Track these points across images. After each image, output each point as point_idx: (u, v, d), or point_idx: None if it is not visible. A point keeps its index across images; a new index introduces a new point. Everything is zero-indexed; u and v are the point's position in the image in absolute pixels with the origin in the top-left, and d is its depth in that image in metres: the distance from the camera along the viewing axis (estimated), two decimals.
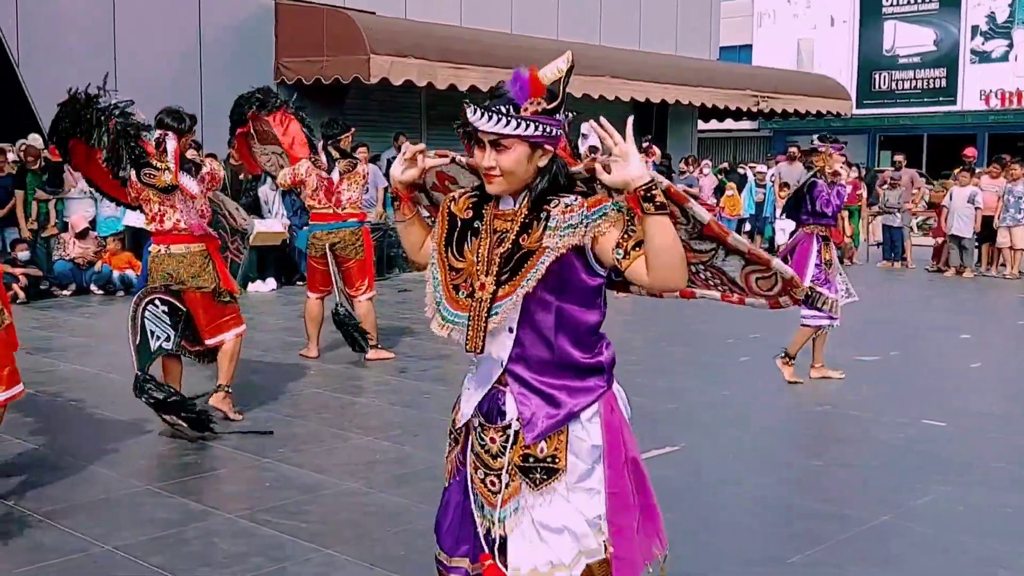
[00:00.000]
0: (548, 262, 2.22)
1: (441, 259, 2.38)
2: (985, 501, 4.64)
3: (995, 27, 28.69)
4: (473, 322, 2.29)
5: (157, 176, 5.38)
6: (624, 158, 2.15)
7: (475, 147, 2.30)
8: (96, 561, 3.84)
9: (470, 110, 2.29)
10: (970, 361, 8.05)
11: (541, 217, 2.26)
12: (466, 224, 2.37)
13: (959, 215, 14.21)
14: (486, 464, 2.36)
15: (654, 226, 2.14)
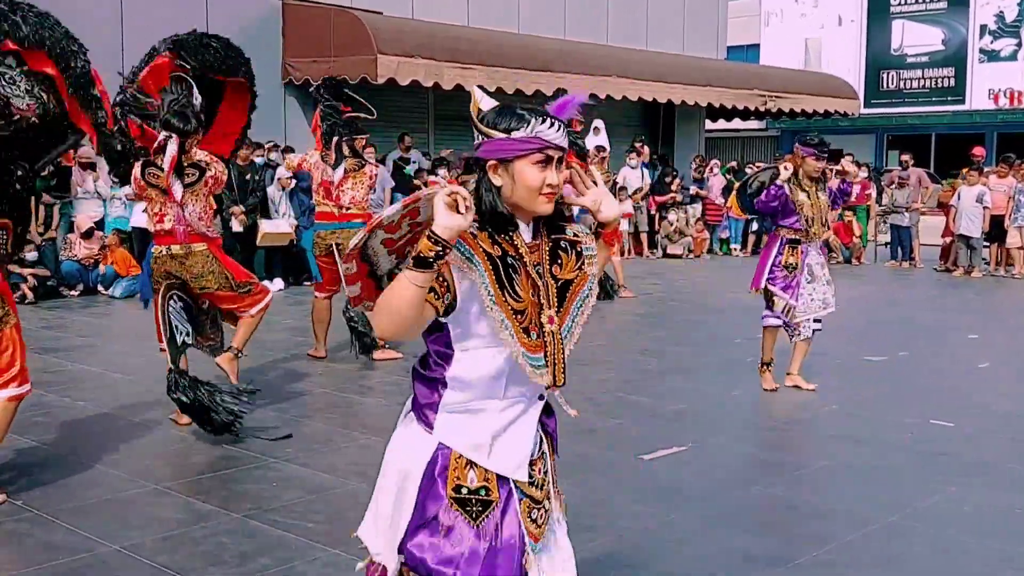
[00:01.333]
0: (596, 288, 2.36)
1: (503, 305, 2.18)
2: (993, 502, 4.63)
3: (1004, 26, 28.60)
4: (551, 357, 2.25)
5: (161, 177, 5.43)
6: (606, 196, 2.33)
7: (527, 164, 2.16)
8: (104, 560, 3.85)
9: (546, 124, 2.16)
10: (978, 361, 8.03)
11: (563, 246, 2.32)
12: (503, 261, 2.20)
13: (967, 215, 14.17)
14: (538, 501, 2.31)
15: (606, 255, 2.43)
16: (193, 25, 14.70)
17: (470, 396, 2.26)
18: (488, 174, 2.20)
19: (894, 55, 30.34)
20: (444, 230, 2.02)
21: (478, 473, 2.25)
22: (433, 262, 2.04)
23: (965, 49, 29.14)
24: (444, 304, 2.16)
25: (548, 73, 16.33)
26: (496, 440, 2.26)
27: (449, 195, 2.03)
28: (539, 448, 2.35)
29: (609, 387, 6.89)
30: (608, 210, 2.33)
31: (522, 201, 2.19)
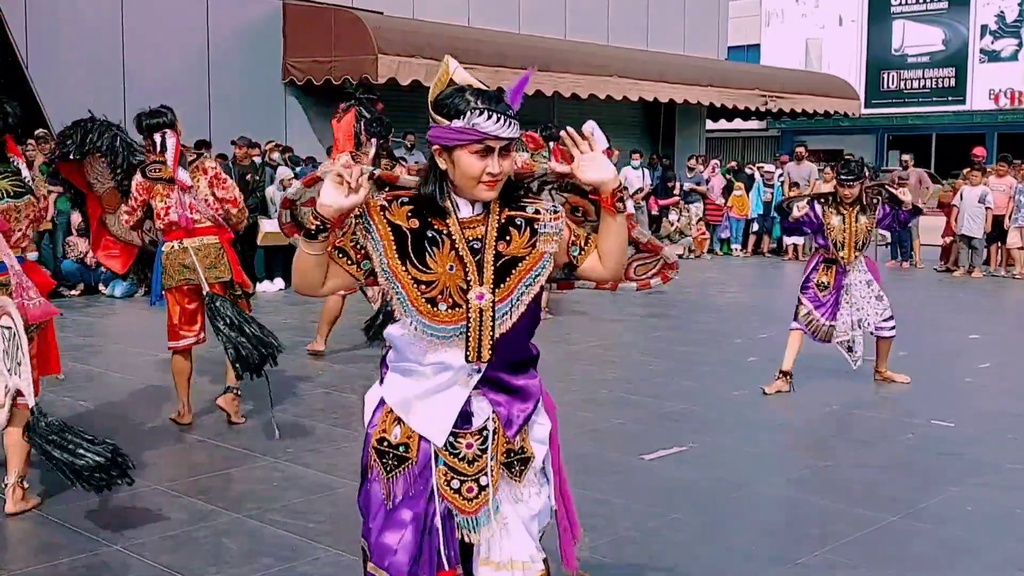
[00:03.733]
0: (549, 267, 2.33)
1: (399, 274, 2.26)
2: (996, 501, 4.63)
3: (1004, 26, 28.61)
4: (474, 332, 2.27)
5: (164, 169, 5.47)
6: (595, 159, 2.27)
7: (465, 152, 2.21)
8: (106, 561, 3.85)
9: (483, 117, 2.19)
10: (979, 361, 8.02)
11: (517, 223, 2.32)
12: (417, 234, 2.27)
13: (970, 215, 14.15)
14: (461, 472, 2.33)
15: (619, 223, 2.33)
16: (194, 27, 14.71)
17: (400, 356, 2.37)
18: (436, 157, 2.29)
19: (895, 55, 30.35)
20: (323, 207, 2.17)
21: (403, 430, 2.35)
22: (316, 234, 2.19)
23: (966, 49, 29.15)
24: (363, 271, 2.31)
25: (549, 73, 16.33)
26: (420, 401, 2.34)
27: (337, 174, 2.15)
28: (484, 423, 2.34)
29: (610, 387, 6.89)
30: (590, 172, 2.27)
31: (463, 186, 2.26)
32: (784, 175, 16.87)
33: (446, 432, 2.32)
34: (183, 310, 5.62)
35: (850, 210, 6.58)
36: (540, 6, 18.46)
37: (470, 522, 2.33)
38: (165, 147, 5.47)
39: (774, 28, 32.22)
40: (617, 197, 2.28)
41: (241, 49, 14.70)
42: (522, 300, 2.30)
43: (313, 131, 15.42)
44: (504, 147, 2.22)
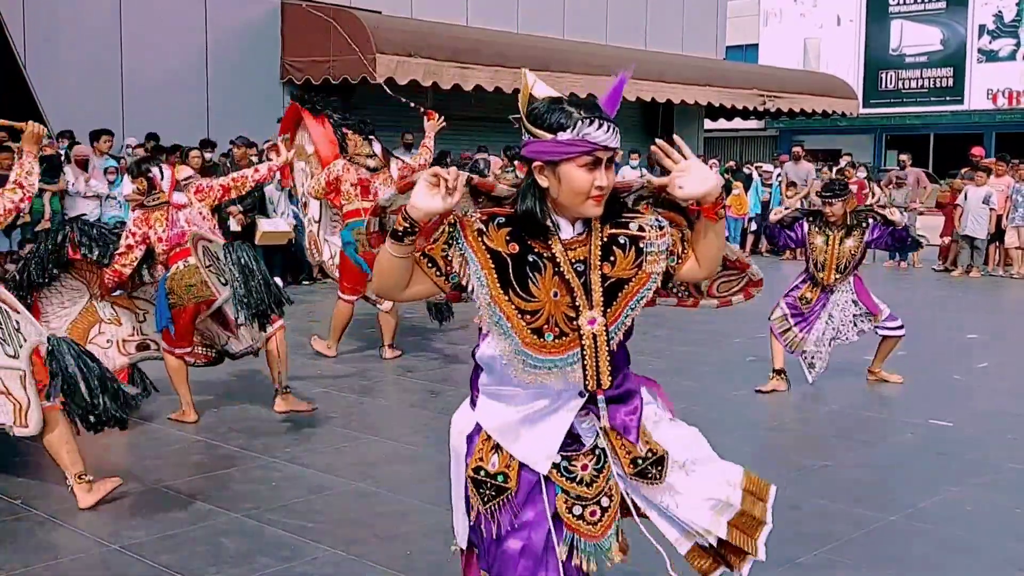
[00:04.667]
0: (656, 286, 2.24)
1: (502, 304, 2.15)
2: (996, 501, 4.63)
3: (1002, 26, 28.62)
4: (590, 360, 2.17)
5: (161, 196, 5.60)
6: (693, 170, 2.14)
7: (573, 166, 2.08)
8: (104, 560, 3.85)
9: (594, 126, 2.08)
10: (977, 361, 8.03)
11: (621, 241, 2.20)
12: (518, 259, 2.15)
13: (974, 215, 14.14)
14: (582, 497, 2.23)
15: (718, 228, 2.22)
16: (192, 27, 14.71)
17: (495, 379, 2.26)
18: (534, 174, 2.15)
19: (893, 55, 30.36)
20: (414, 209, 2.05)
21: (501, 458, 2.24)
22: (403, 236, 2.07)
23: (964, 49, 29.15)
24: (450, 283, 2.19)
25: (547, 72, 16.29)
26: (521, 427, 2.23)
27: (433, 175, 2.03)
28: (594, 441, 2.26)
29: None
30: (689, 187, 2.12)
31: (569, 203, 2.14)
32: (782, 175, 16.87)
33: (551, 458, 2.22)
34: (185, 324, 5.65)
35: (835, 232, 6.51)
36: (538, 6, 18.46)
37: (596, 547, 2.23)
38: (163, 177, 5.61)
39: (772, 28, 32.22)
40: (720, 205, 2.18)
41: (239, 49, 14.69)
42: (626, 322, 2.23)
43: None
44: (609, 159, 2.13)
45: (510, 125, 8.71)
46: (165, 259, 5.60)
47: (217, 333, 5.89)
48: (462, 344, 8.20)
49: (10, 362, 4.23)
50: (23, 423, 4.27)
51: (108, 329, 5.61)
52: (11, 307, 4.33)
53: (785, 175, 16.70)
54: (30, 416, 4.25)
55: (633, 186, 2.27)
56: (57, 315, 5.46)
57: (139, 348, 5.72)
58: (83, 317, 5.55)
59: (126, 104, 13.60)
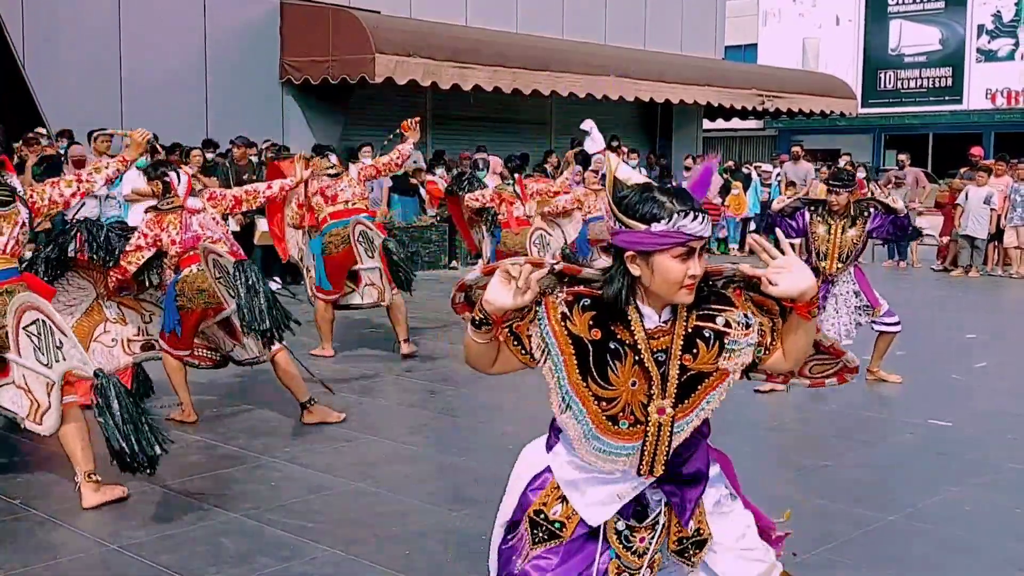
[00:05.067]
0: (733, 380, 2.24)
1: (580, 391, 2.16)
2: (995, 501, 4.63)
3: (1001, 26, 28.62)
4: (650, 447, 2.20)
5: (176, 200, 5.64)
6: (790, 268, 2.11)
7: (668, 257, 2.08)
8: (103, 560, 3.85)
9: (689, 218, 2.07)
10: (976, 361, 8.03)
11: (706, 335, 2.19)
12: (599, 346, 2.15)
13: (975, 215, 14.13)
14: (630, 565, 2.29)
15: (808, 327, 2.21)
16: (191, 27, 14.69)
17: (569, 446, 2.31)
18: (625, 263, 2.14)
19: (892, 55, 30.36)
20: (487, 304, 2.10)
21: (564, 509, 2.29)
22: (480, 325, 2.15)
23: (962, 49, 29.15)
24: (535, 360, 2.23)
25: (546, 72, 16.32)
26: (590, 486, 2.28)
27: (506, 271, 2.05)
28: (656, 517, 2.30)
29: None
30: (784, 285, 2.09)
31: (661, 292, 2.14)
32: (781, 175, 16.87)
33: (605, 515, 2.28)
34: (190, 328, 5.67)
35: (838, 221, 6.51)
36: (538, 6, 18.45)
37: None
38: (179, 180, 5.66)
39: (771, 28, 32.22)
40: (815, 304, 2.15)
41: (239, 49, 14.68)
42: (700, 416, 2.24)
43: (310, 131, 15.40)
44: (702, 247, 2.13)
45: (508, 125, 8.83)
46: (177, 262, 5.61)
47: (223, 339, 5.90)
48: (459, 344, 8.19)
49: (41, 368, 4.28)
50: (37, 420, 4.31)
51: (113, 328, 5.63)
52: (58, 328, 4.35)
53: (784, 175, 16.70)
54: (47, 417, 4.28)
55: (724, 271, 2.24)
56: (63, 312, 5.47)
57: (144, 348, 5.73)
58: (89, 315, 5.57)
59: (125, 104, 13.59)
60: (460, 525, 4.21)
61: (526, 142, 17.39)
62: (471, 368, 2.35)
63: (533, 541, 2.29)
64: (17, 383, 4.34)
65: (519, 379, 7.93)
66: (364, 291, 7.68)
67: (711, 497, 2.36)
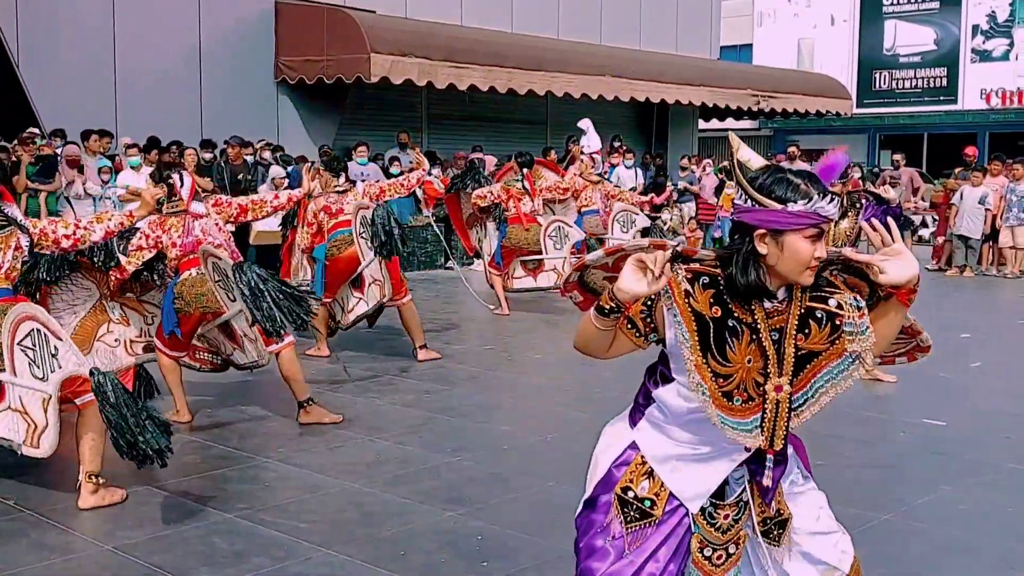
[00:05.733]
0: (854, 370, 2.25)
1: (700, 367, 2.20)
2: (992, 501, 4.63)
3: (996, 26, 28.67)
4: (768, 424, 2.23)
5: (180, 203, 5.64)
6: (900, 256, 2.16)
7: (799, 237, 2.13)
8: (97, 560, 3.84)
9: (826, 200, 2.13)
10: (970, 360, 8.04)
11: (818, 315, 2.22)
12: (719, 323, 2.19)
13: (969, 215, 14.15)
14: (714, 541, 2.33)
15: (902, 314, 2.27)
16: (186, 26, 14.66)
17: (668, 419, 2.32)
18: (755, 241, 2.17)
19: (886, 55, 30.38)
20: (621, 292, 2.12)
21: (652, 484, 2.31)
22: (609, 313, 2.17)
23: (957, 49, 29.19)
24: (649, 342, 2.28)
25: (542, 72, 16.33)
26: (683, 463, 2.31)
27: (640, 259, 2.08)
28: (738, 496, 2.33)
29: (605, 385, 6.88)
30: (896, 272, 2.15)
31: (787, 272, 2.17)
32: None
33: (703, 500, 2.30)
34: (188, 332, 5.67)
35: None
36: (533, 6, 18.46)
37: None
38: (183, 183, 5.65)
39: (766, 28, 32.24)
40: (915, 292, 2.21)
41: (234, 48, 14.67)
42: (819, 397, 2.26)
43: (305, 130, 15.40)
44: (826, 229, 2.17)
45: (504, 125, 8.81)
46: (176, 264, 5.61)
47: (223, 343, 5.90)
48: (456, 344, 8.19)
49: (36, 383, 4.26)
50: (34, 444, 4.28)
51: (116, 329, 5.62)
52: (53, 332, 4.36)
53: None
54: (44, 438, 4.27)
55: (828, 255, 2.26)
56: (67, 312, 5.48)
57: (146, 349, 5.73)
58: (93, 315, 5.57)
59: (120, 104, 13.57)
60: (455, 525, 4.21)
61: (522, 142, 17.37)
62: (581, 353, 2.35)
63: (626, 520, 2.31)
64: (13, 406, 4.28)
65: (515, 379, 7.94)
66: (369, 293, 7.56)
67: (786, 478, 2.38)
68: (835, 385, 2.27)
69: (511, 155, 10.83)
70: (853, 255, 2.23)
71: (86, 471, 4.38)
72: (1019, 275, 14.10)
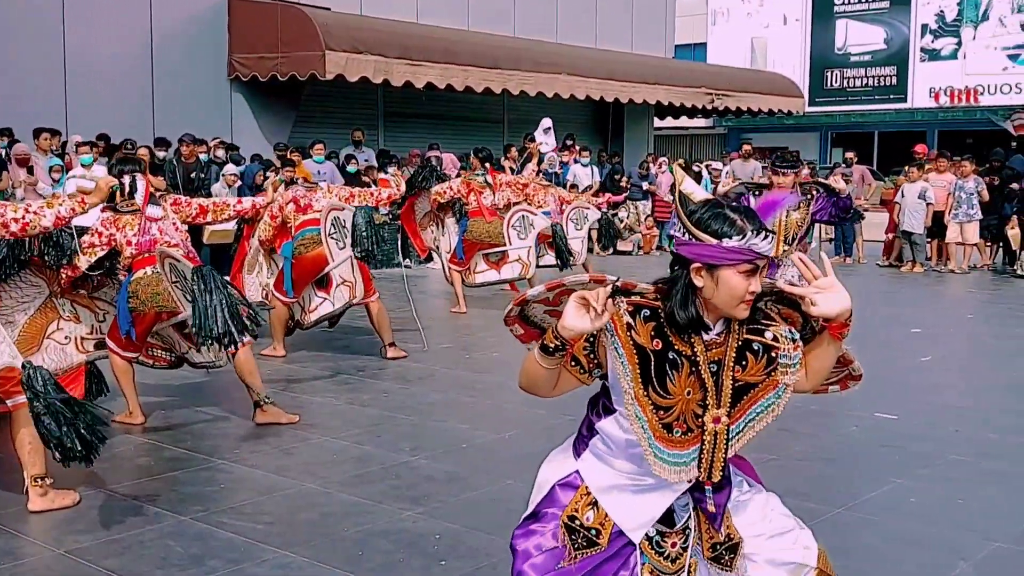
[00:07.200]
0: (785, 399, 2.32)
1: (640, 400, 2.21)
2: (938, 492, 4.72)
3: (944, 25, 29.18)
4: (707, 455, 2.26)
5: (136, 204, 5.56)
6: (831, 289, 2.19)
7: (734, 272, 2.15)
8: (49, 566, 3.78)
9: (760, 237, 2.14)
10: (920, 355, 8.18)
11: (755, 348, 2.26)
12: (660, 356, 2.22)
13: (910, 211, 14.42)
14: (663, 570, 2.35)
15: (837, 347, 2.30)
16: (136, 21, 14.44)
17: (611, 451, 2.33)
18: (690, 275, 2.19)
19: (838, 54, 30.80)
20: (564, 329, 2.12)
21: (597, 515, 2.33)
22: (553, 352, 2.17)
23: (907, 48, 29.67)
24: (594, 377, 2.28)
25: (498, 71, 16.33)
26: (624, 494, 2.33)
27: (581, 298, 2.09)
28: (685, 522, 2.35)
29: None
30: (825, 305, 2.18)
31: (722, 305, 2.19)
32: (729, 172, 17.05)
33: (645, 529, 2.32)
34: (143, 331, 5.60)
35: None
36: (489, 4, 18.46)
37: None
38: (135, 188, 5.56)
39: (720, 27, 32.53)
40: (847, 326, 2.23)
41: (185, 44, 14.50)
42: (753, 426, 2.31)
43: (259, 128, 15.26)
44: (765, 266, 2.19)
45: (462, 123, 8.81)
46: (130, 263, 5.53)
47: (177, 341, 5.84)
48: (415, 344, 8.17)
49: None
50: None
51: (67, 326, 5.52)
52: None
53: (732, 172, 16.89)
54: None
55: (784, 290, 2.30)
56: (17, 309, 5.38)
57: (97, 347, 5.64)
58: (42, 313, 5.47)
59: (69, 101, 13.36)
60: (413, 525, 4.20)
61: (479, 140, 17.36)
62: (526, 393, 2.36)
63: (574, 547, 2.32)
64: None
65: (473, 378, 7.93)
66: (336, 294, 7.50)
67: (732, 498, 2.41)
68: (761, 418, 2.33)
69: (468, 153, 10.83)
70: (787, 288, 2.26)
71: (30, 475, 4.31)
72: (966, 271, 14.37)
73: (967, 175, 14.33)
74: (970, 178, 14.30)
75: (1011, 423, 5.99)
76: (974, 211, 14.21)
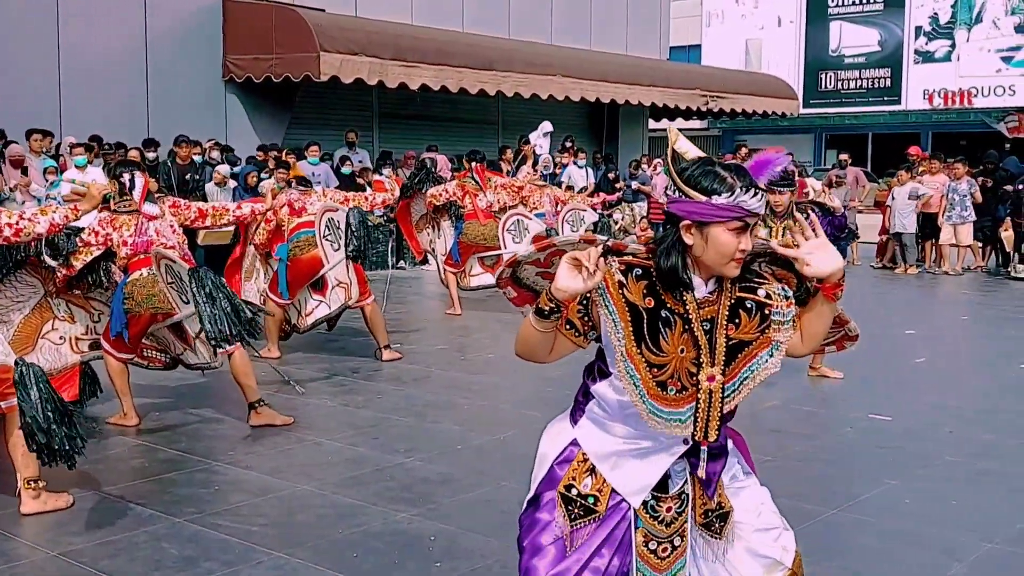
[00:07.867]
0: (778, 356, 2.29)
1: (633, 357, 2.22)
2: (935, 493, 4.72)
3: (938, 28, 29.25)
4: (703, 413, 2.26)
5: (131, 203, 5.54)
6: (823, 249, 2.20)
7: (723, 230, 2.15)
8: (42, 567, 3.77)
9: (750, 194, 2.15)
10: (915, 356, 8.19)
11: (748, 305, 2.25)
12: (652, 313, 2.22)
13: (900, 213, 14.46)
14: (658, 534, 2.35)
15: (832, 308, 2.29)
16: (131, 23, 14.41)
17: (607, 415, 2.34)
18: (680, 232, 2.20)
19: (832, 56, 30.87)
20: (558, 291, 2.13)
21: (595, 481, 2.34)
22: (549, 315, 2.18)
23: (901, 50, 29.74)
24: (588, 340, 2.28)
25: (492, 72, 16.33)
26: (623, 459, 2.33)
27: (574, 259, 2.10)
28: (680, 488, 2.36)
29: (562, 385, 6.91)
30: (818, 265, 2.20)
31: (712, 263, 2.20)
32: None
33: (644, 494, 2.33)
34: (137, 333, 5.60)
35: (778, 223, 6.58)
36: (484, 5, 18.46)
37: None
38: (134, 184, 5.56)
39: (715, 29, 32.58)
40: (840, 287, 2.24)
41: (179, 45, 14.48)
42: (746, 384, 2.31)
43: (253, 129, 15.24)
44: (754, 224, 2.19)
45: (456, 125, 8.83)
46: (126, 264, 5.52)
47: (172, 342, 5.82)
48: (409, 345, 8.16)
49: None
50: None
51: (61, 326, 5.52)
52: None
53: None
54: None
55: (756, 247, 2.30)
56: (12, 308, 5.37)
57: (92, 347, 5.63)
58: (37, 312, 5.46)
59: (64, 102, 13.33)
60: (408, 526, 4.20)
61: (474, 141, 17.39)
62: (523, 359, 2.37)
63: (570, 518, 2.32)
64: None
65: (468, 379, 7.93)
66: (332, 296, 7.49)
67: (727, 472, 2.41)
68: (755, 375, 2.31)
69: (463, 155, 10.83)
70: (779, 248, 2.28)
71: (23, 477, 4.29)
72: (960, 273, 14.40)
73: (960, 177, 14.35)
74: (963, 180, 14.32)
75: (1006, 424, 6.00)
76: (967, 213, 14.23)
